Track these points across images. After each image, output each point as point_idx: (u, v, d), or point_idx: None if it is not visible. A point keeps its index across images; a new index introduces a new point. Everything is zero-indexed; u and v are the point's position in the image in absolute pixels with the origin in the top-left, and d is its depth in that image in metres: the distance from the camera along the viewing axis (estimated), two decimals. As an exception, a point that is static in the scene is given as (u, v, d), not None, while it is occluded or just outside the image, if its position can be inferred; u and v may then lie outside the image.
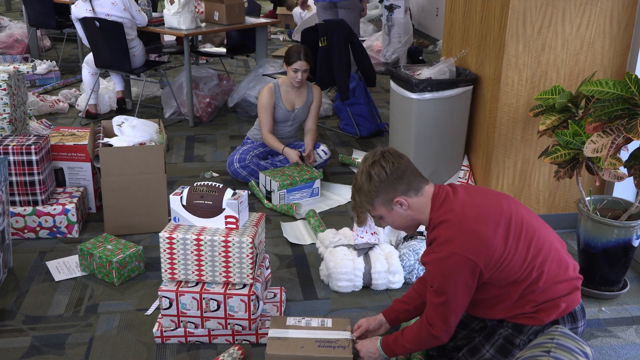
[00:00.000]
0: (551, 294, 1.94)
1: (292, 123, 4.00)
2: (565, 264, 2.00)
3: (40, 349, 2.42)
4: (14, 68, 3.73)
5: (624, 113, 2.41)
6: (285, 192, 3.65)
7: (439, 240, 1.92)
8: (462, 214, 1.91)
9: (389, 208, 1.99)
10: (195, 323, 2.42)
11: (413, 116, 3.42)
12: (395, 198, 1.97)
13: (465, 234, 1.87)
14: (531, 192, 3.33)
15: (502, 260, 1.89)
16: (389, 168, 1.94)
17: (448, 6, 3.76)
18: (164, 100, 5.40)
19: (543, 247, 1.95)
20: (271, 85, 3.89)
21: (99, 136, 3.51)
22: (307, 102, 3.98)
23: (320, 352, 2.19)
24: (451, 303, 1.93)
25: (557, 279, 1.96)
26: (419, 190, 1.98)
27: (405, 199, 1.97)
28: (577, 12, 3.04)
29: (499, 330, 2.05)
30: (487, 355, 2.05)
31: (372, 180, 1.96)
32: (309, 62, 3.79)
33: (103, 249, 2.89)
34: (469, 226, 1.88)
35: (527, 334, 1.99)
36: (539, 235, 1.97)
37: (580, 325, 2.01)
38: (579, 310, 2.00)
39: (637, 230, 2.67)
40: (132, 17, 4.92)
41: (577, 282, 2.00)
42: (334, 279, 2.81)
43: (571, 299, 1.97)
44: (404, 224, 2.06)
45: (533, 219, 2.01)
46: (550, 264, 1.95)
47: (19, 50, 6.96)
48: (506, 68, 3.10)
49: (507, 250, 1.90)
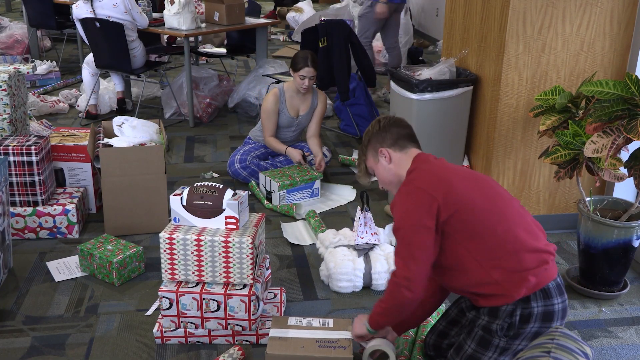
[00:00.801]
0: (517, 262, 1.93)
1: (296, 129, 4.01)
2: (535, 235, 1.99)
3: (40, 349, 2.42)
4: (14, 68, 3.73)
5: (624, 113, 2.41)
6: (285, 192, 3.65)
7: (405, 181, 2.08)
8: (431, 164, 2.08)
9: (376, 159, 2.17)
10: (195, 323, 2.42)
11: (413, 116, 3.42)
12: (380, 148, 2.15)
13: (428, 173, 2.04)
14: (531, 192, 3.33)
15: (463, 204, 1.94)
16: (383, 123, 2.18)
17: (448, 7, 3.76)
18: (164, 101, 5.40)
19: (509, 214, 1.99)
20: (276, 90, 3.88)
21: (99, 137, 3.51)
22: (312, 107, 3.97)
23: (321, 352, 2.19)
24: (408, 241, 1.96)
25: (525, 247, 1.94)
26: (403, 148, 2.15)
27: (388, 151, 2.14)
28: (577, 12, 3.04)
29: (477, 321, 2.05)
30: (469, 350, 2.05)
31: (368, 132, 2.21)
32: (316, 69, 3.79)
33: (103, 249, 2.89)
34: (433, 169, 2.05)
35: (502, 318, 1.97)
36: (507, 204, 2.01)
37: (557, 303, 1.96)
38: (553, 287, 1.96)
39: (637, 231, 2.67)
40: (133, 19, 4.92)
41: (546, 256, 1.97)
42: (334, 280, 2.81)
43: (541, 273, 1.94)
44: (387, 179, 2.18)
45: (507, 193, 2.06)
46: (516, 229, 1.96)
47: (19, 51, 6.96)
48: (506, 68, 3.10)
49: (470, 196, 1.97)
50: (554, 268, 2.00)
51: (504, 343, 1.99)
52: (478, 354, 2.03)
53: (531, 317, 1.95)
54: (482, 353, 2.02)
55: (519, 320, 1.96)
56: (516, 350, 2.00)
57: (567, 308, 2.01)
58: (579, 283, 2.86)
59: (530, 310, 1.95)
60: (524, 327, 1.96)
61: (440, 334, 2.25)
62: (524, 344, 1.98)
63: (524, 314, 1.95)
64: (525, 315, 1.95)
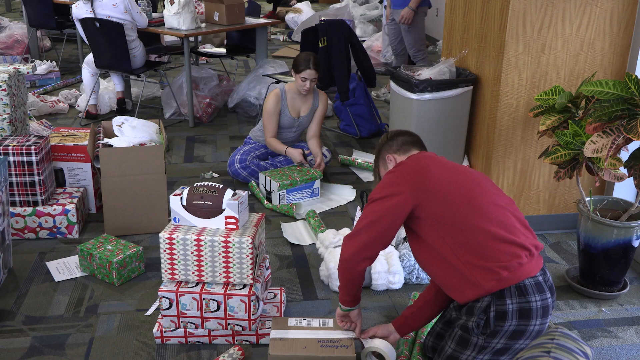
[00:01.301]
0: (486, 253, 1.95)
1: (297, 130, 4.01)
2: (512, 230, 2.00)
3: (40, 349, 2.42)
4: (14, 68, 3.73)
5: (624, 113, 2.41)
6: (285, 192, 3.65)
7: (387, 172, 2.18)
8: (419, 155, 2.17)
9: (385, 167, 2.31)
10: (195, 323, 2.42)
11: (413, 117, 3.42)
12: (387, 154, 2.30)
13: (411, 160, 2.13)
14: (531, 192, 3.33)
15: (433, 191, 2.01)
16: (390, 133, 2.34)
17: (448, 7, 3.76)
18: (164, 101, 5.40)
19: (487, 208, 2.01)
20: (277, 91, 3.88)
21: (99, 137, 3.51)
22: (313, 108, 3.97)
23: (323, 351, 2.20)
24: (371, 216, 2.05)
25: (496, 239, 1.96)
26: (407, 152, 2.27)
27: (394, 156, 2.28)
28: (577, 12, 3.04)
29: (457, 321, 2.09)
30: (449, 350, 2.08)
31: (378, 144, 2.38)
32: (318, 71, 3.79)
33: (103, 249, 2.89)
34: (418, 157, 2.15)
35: (477, 314, 1.99)
36: (488, 200, 2.03)
37: (534, 300, 1.96)
38: (530, 284, 1.96)
39: (637, 231, 2.67)
40: (133, 19, 4.93)
41: (520, 251, 1.97)
42: (334, 280, 2.81)
43: (515, 268, 1.94)
44: None
45: (491, 189, 2.08)
46: (489, 222, 1.97)
47: (19, 51, 6.96)
48: (506, 68, 3.10)
49: (443, 185, 2.02)
50: (534, 265, 1.99)
51: (482, 341, 2.00)
52: (457, 352, 2.06)
53: (506, 314, 1.96)
54: (460, 352, 2.05)
55: (495, 317, 1.97)
56: (495, 348, 2.01)
57: (549, 306, 2.00)
58: (579, 283, 2.86)
59: (505, 307, 1.96)
60: (500, 324, 1.97)
61: (437, 336, 2.26)
62: (502, 342, 1.99)
63: (499, 311, 1.96)
64: (500, 312, 1.96)
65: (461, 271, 1.99)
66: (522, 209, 3.34)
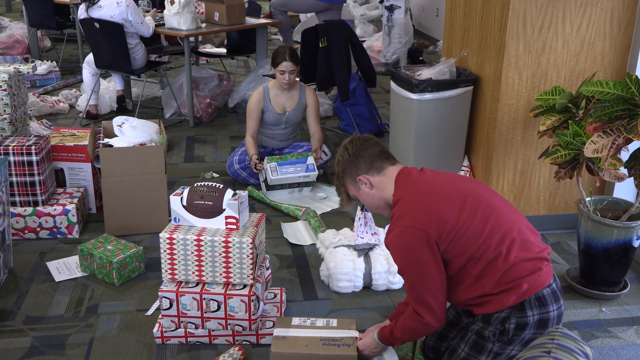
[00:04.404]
0: (511, 273, 1.92)
1: (285, 126, 3.98)
2: (529, 244, 1.97)
3: (40, 349, 2.42)
4: (14, 68, 3.73)
5: (624, 113, 2.41)
6: (276, 164, 3.67)
7: (394, 217, 2.01)
8: (415, 191, 2.00)
9: (356, 187, 2.11)
10: (195, 323, 2.42)
11: (413, 117, 3.42)
12: (358, 176, 2.08)
13: (415, 207, 1.96)
14: (531, 192, 3.33)
15: (456, 232, 1.92)
16: (351, 149, 2.09)
17: (448, 7, 3.76)
18: (164, 101, 5.40)
19: (503, 226, 1.95)
20: (260, 89, 3.87)
21: (99, 137, 3.51)
22: (300, 104, 3.94)
23: (325, 350, 2.20)
24: (419, 281, 1.95)
25: (519, 258, 1.93)
26: (381, 170, 2.08)
27: (367, 177, 2.07)
28: (578, 12, 3.04)
29: (471, 326, 2.07)
30: (463, 354, 2.06)
31: (339, 162, 2.13)
32: (295, 63, 3.74)
33: (103, 249, 2.89)
34: (418, 199, 1.98)
35: (494, 324, 1.98)
36: (500, 214, 1.97)
37: (552, 310, 1.96)
38: (548, 294, 1.95)
39: (637, 231, 2.67)
40: (134, 29, 4.85)
41: (539, 263, 1.96)
42: (334, 280, 2.81)
43: (535, 279, 1.93)
44: (374, 204, 2.13)
45: (497, 199, 2.03)
46: (510, 243, 1.94)
47: (19, 51, 6.96)
48: (506, 68, 3.10)
49: (461, 222, 1.92)
50: (548, 273, 1.99)
51: (498, 348, 2.00)
52: (471, 357, 2.04)
53: (527, 325, 1.96)
54: (475, 357, 2.04)
55: (515, 328, 1.96)
56: (510, 355, 2.01)
57: (562, 314, 2.01)
58: (579, 283, 2.86)
59: (526, 319, 1.95)
60: (519, 334, 1.97)
61: (439, 337, 2.26)
62: (517, 349, 1.99)
63: (520, 323, 1.95)
64: (521, 324, 1.95)
65: (483, 293, 1.96)
66: (523, 209, 3.34)
